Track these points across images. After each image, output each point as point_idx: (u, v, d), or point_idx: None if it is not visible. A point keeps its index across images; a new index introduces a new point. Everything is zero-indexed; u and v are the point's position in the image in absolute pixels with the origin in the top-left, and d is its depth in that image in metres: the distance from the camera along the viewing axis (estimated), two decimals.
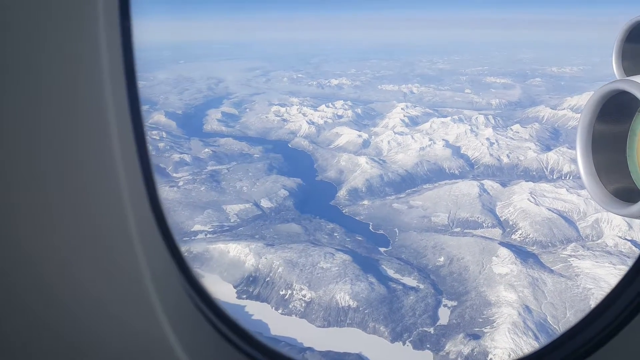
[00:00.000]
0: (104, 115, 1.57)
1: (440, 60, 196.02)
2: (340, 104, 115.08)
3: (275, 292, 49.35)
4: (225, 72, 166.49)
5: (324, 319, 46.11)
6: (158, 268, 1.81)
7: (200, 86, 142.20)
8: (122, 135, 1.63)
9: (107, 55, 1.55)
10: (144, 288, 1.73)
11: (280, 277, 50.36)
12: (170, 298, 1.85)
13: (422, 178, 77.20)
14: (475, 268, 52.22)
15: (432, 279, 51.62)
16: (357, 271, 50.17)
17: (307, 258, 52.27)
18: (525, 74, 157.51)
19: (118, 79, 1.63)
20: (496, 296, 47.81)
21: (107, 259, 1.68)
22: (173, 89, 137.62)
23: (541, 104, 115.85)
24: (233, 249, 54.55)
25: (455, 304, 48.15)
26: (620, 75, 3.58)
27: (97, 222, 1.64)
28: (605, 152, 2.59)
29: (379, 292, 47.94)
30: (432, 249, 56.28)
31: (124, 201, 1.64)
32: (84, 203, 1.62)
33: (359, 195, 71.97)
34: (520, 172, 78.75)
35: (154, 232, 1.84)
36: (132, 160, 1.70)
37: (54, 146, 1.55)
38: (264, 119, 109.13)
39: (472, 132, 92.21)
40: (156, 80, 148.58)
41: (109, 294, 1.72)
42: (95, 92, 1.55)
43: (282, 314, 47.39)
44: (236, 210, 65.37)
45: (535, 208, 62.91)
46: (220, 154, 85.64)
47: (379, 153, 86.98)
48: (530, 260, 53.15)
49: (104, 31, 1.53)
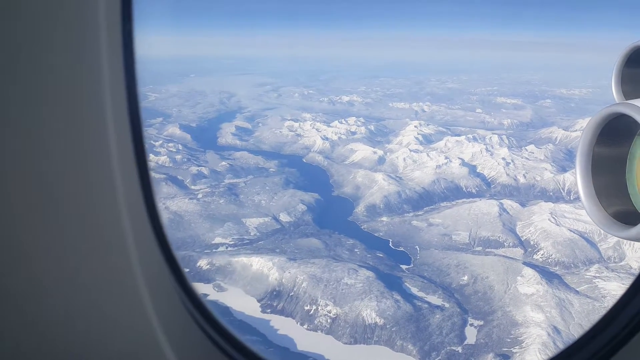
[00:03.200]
0: (102, 118, 1.58)
1: (448, 80, 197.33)
2: (352, 121, 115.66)
3: (300, 307, 48.95)
4: (236, 87, 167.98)
5: (351, 336, 45.66)
6: (151, 270, 1.82)
7: (213, 100, 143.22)
8: (120, 138, 1.65)
9: (108, 59, 1.57)
10: (136, 289, 1.74)
11: (305, 292, 50.00)
12: (161, 300, 1.87)
13: (439, 196, 77.14)
14: (500, 287, 51.86)
15: (457, 298, 51.21)
16: (382, 288, 49.82)
17: (330, 273, 51.97)
18: (535, 95, 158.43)
19: (118, 83, 1.65)
20: (523, 316, 47.38)
21: (101, 259, 1.69)
22: (186, 102, 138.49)
23: (553, 125, 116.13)
24: (256, 262, 54.29)
25: (481, 323, 47.72)
26: (619, 99, 3.57)
27: (92, 223, 1.65)
28: (604, 174, 2.59)
29: (405, 310, 47.54)
30: (455, 268, 55.96)
31: (120, 204, 1.65)
32: (80, 205, 1.62)
33: (377, 212, 71.84)
34: (537, 192, 78.69)
35: (148, 234, 1.86)
36: (130, 163, 1.72)
37: (52, 148, 1.56)
38: (277, 133, 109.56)
39: (488, 151, 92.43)
40: (169, 93, 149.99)
41: (101, 294, 1.73)
42: (95, 94, 1.57)
43: (308, 329, 46.93)
44: (256, 223, 65.26)
45: (556, 228, 62.72)
46: (237, 167, 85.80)
47: (394, 170, 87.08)
48: (555, 280, 52.80)
49: (105, 35, 1.55)
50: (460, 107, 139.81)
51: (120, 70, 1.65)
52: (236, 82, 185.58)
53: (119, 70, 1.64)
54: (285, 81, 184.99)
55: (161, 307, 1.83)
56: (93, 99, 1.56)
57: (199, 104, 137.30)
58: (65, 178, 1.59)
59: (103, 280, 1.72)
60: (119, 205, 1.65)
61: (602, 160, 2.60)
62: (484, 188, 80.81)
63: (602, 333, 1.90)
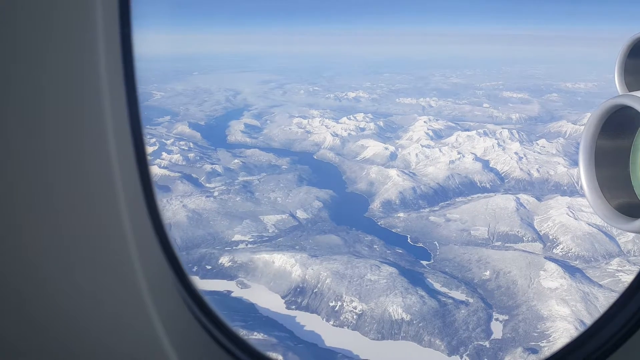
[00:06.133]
0: (101, 117, 1.58)
1: (453, 75, 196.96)
2: (361, 117, 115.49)
3: (325, 304, 49.02)
4: (241, 84, 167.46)
5: (378, 332, 45.75)
6: (152, 269, 1.82)
7: (219, 97, 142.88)
8: (120, 137, 1.64)
9: (106, 57, 1.55)
10: (138, 288, 1.74)
11: (329, 289, 50.06)
12: (163, 298, 1.87)
13: (454, 191, 77.14)
14: (523, 282, 51.93)
15: (480, 293, 51.30)
16: (406, 284, 49.90)
17: (353, 270, 52.03)
18: (540, 89, 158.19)
19: (117, 82, 1.64)
20: (548, 310, 47.48)
21: (102, 258, 1.69)
22: (192, 100, 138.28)
23: (561, 119, 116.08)
24: (278, 259, 54.33)
25: (506, 318, 47.81)
26: (622, 90, 3.53)
27: (93, 222, 1.65)
28: (608, 167, 2.58)
29: (431, 305, 47.63)
30: (476, 263, 56.03)
31: (120, 202, 1.64)
32: (80, 205, 1.62)
33: (393, 208, 71.85)
34: (551, 186, 78.71)
35: (149, 233, 1.85)
36: (130, 162, 1.71)
37: (51, 148, 1.56)
38: (287, 130, 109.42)
39: (500, 146, 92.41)
40: (174, 92, 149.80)
41: (102, 294, 1.73)
42: (93, 93, 1.56)
43: (334, 325, 47.02)
44: (273, 220, 65.29)
45: (574, 222, 62.77)
46: (250, 164, 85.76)
47: (407, 166, 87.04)
48: (577, 274, 52.89)
49: (102, 33, 1.54)
50: (467, 102, 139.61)
51: (119, 69, 1.64)
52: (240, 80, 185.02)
53: (118, 69, 1.64)
54: (289, 78, 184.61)
55: (162, 305, 1.83)
56: (92, 98, 1.56)
57: (205, 101, 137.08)
58: (65, 178, 1.59)
59: (104, 280, 1.71)
60: (119, 204, 1.64)
61: (605, 152, 2.58)
62: (498, 183, 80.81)
63: (602, 331, 1.89)
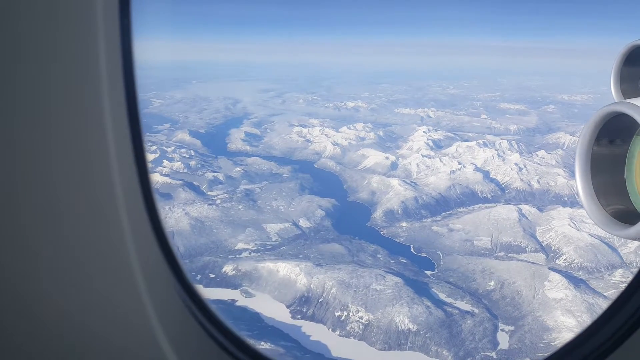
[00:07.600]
0: (101, 119, 1.60)
1: (450, 86, 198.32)
2: (361, 126, 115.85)
3: (331, 313, 48.77)
4: (240, 93, 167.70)
5: (384, 342, 45.53)
6: (151, 269, 1.84)
7: (218, 106, 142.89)
8: (119, 138, 1.66)
9: (106, 61, 1.58)
10: (136, 288, 1.76)
11: (334, 298, 49.84)
12: (161, 299, 1.89)
13: (455, 201, 77.31)
14: (528, 293, 51.95)
15: (485, 303, 51.24)
16: (411, 294, 49.77)
17: (358, 279, 51.86)
18: (537, 100, 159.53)
19: (117, 85, 1.66)
20: (554, 321, 47.48)
21: (101, 259, 1.71)
22: (191, 108, 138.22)
23: (559, 130, 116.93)
24: (282, 268, 54.08)
25: (512, 328, 47.74)
26: (618, 98, 3.60)
27: (92, 223, 1.67)
28: (603, 174, 2.60)
29: (437, 315, 47.50)
30: (480, 273, 56.03)
31: (119, 203, 1.67)
32: (80, 205, 1.64)
33: (396, 217, 71.87)
34: (551, 197, 79.05)
35: (147, 232, 1.87)
36: (129, 163, 1.73)
37: (51, 150, 1.58)
38: (287, 139, 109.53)
39: (499, 157, 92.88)
40: (174, 99, 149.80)
41: (101, 293, 1.75)
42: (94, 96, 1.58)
43: (340, 335, 46.75)
44: (276, 229, 65.09)
45: (577, 233, 62.99)
46: (251, 173, 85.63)
47: (408, 175, 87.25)
48: (581, 285, 52.98)
49: (102, 37, 1.56)
50: (465, 113, 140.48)
51: (119, 73, 1.66)
52: (239, 88, 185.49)
53: (118, 72, 1.66)
54: (288, 87, 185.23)
55: (161, 305, 1.85)
56: (92, 100, 1.58)
57: (204, 110, 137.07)
58: (65, 178, 1.60)
59: (103, 280, 1.73)
60: (119, 205, 1.66)
61: (601, 159, 2.60)
62: (499, 193, 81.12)
63: (601, 331, 1.91)
